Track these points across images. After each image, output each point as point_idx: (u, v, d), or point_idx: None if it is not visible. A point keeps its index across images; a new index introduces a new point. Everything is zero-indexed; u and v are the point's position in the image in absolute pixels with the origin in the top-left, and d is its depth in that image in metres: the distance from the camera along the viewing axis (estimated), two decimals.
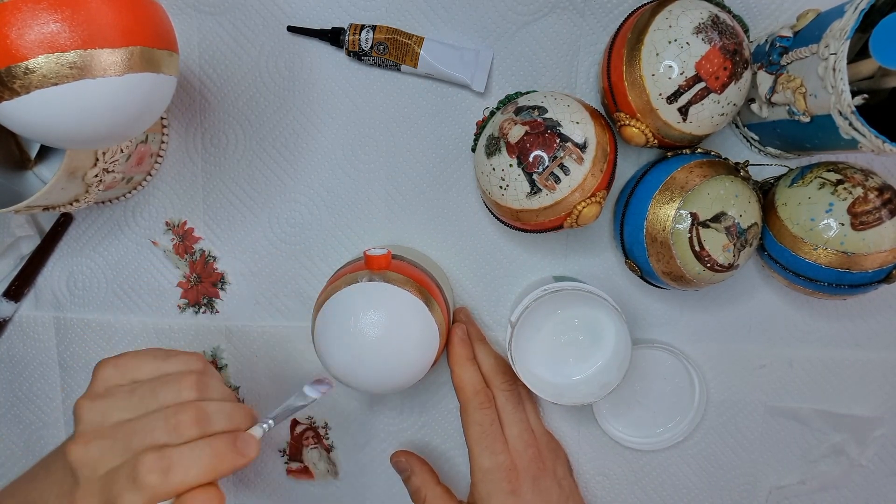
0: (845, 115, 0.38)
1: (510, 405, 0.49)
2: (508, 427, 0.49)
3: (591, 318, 0.51)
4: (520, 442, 0.49)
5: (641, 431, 0.55)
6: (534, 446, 0.49)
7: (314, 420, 0.53)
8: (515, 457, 0.48)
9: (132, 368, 0.39)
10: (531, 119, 0.43)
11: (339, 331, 0.42)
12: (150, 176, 0.53)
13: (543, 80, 0.51)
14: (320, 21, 0.51)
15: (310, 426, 0.53)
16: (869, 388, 0.55)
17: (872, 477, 0.56)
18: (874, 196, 0.42)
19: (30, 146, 0.51)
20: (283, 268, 0.55)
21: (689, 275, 0.45)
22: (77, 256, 0.56)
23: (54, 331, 0.57)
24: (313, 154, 0.53)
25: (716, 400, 0.55)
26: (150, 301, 0.56)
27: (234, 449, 0.36)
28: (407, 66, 0.50)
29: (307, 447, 0.54)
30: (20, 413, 0.58)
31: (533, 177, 0.43)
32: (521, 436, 0.49)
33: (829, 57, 0.38)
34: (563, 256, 0.54)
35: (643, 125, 0.44)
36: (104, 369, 0.39)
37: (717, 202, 0.44)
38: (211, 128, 0.53)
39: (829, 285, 0.45)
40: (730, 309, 0.54)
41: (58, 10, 0.32)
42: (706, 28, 0.41)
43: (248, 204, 0.54)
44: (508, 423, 0.49)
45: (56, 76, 0.32)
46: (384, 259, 0.44)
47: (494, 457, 0.47)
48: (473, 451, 0.48)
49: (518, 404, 0.50)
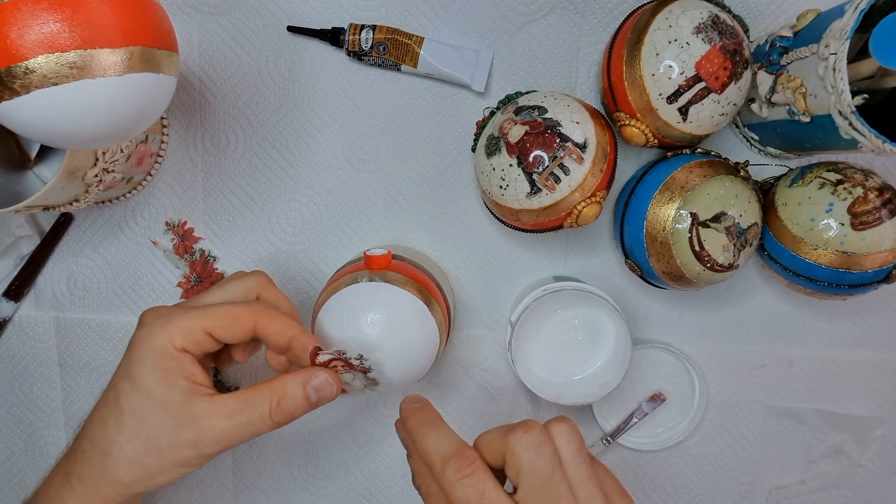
0: (845, 115, 0.38)
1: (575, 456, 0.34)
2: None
3: (591, 318, 0.51)
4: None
5: (641, 431, 0.55)
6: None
7: (344, 352, 0.40)
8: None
9: None
10: (531, 119, 0.43)
11: (340, 331, 0.42)
12: (150, 176, 0.53)
13: (543, 80, 0.51)
14: (320, 21, 0.51)
15: (338, 356, 0.40)
16: (869, 388, 0.55)
17: (872, 477, 0.56)
18: (874, 196, 0.42)
19: (30, 146, 0.51)
20: (283, 268, 0.55)
21: (689, 275, 0.45)
22: (77, 256, 0.56)
23: (54, 331, 0.57)
24: (313, 154, 0.53)
25: (716, 400, 0.55)
26: (150, 301, 0.56)
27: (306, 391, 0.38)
28: (407, 66, 0.50)
29: (337, 372, 0.42)
30: (20, 413, 0.58)
31: (533, 177, 0.43)
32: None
33: (829, 57, 0.38)
34: (563, 256, 0.54)
35: (643, 125, 0.44)
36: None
37: (717, 202, 0.44)
38: (211, 128, 0.53)
39: (829, 285, 0.45)
40: (730, 309, 0.54)
41: (58, 10, 0.32)
42: (706, 28, 0.41)
43: (248, 204, 0.54)
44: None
45: (56, 76, 0.32)
46: (384, 259, 0.44)
47: None
48: None
49: (583, 453, 0.34)
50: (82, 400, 0.57)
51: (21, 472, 0.59)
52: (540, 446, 0.33)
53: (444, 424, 0.36)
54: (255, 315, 0.38)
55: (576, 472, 0.33)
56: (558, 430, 0.34)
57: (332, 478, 0.58)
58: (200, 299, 0.41)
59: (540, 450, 0.33)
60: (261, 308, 0.39)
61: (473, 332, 0.55)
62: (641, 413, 0.54)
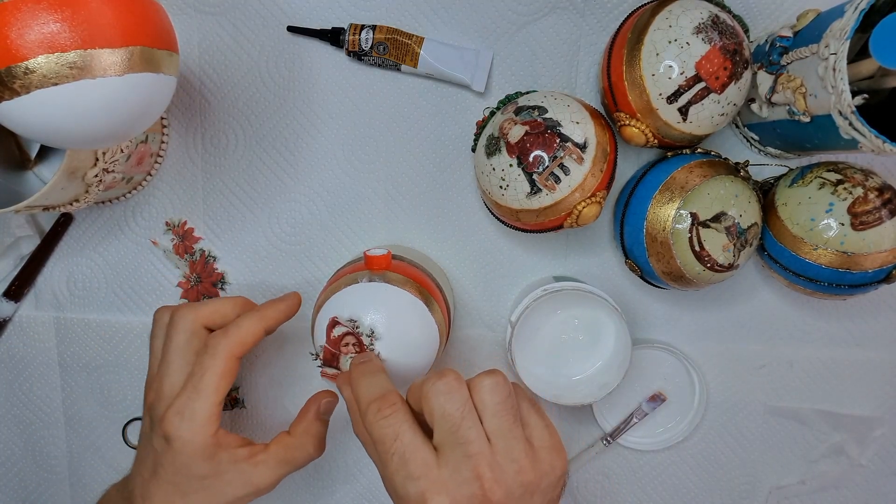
0: (845, 115, 0.38)
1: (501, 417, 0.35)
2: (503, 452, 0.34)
3: (591, 318, 0.51)
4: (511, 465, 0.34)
5: (641, 431, 0.55)
6: (528, 471, 0.35)
7: (358, 325, 0.41)
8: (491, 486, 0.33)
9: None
10: (531, 119, 0.43)
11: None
12: (150, 176, 0.53)
13: (543, 80, 0.51)
14: (320, 21, 0.51)
15: (351, 331, 0.42)
16: (869, 388, 0.55)
17: (872, 477, 0.56)
18: (874, 196, 0.42)
19: (30, 146, 0.51)
20: (283, 268, 0.55)
21: (689, 275, 0.45)
22: (77, 256, 0.56)
23: (54, 331, 0.57)
24: (313, 154, 0.53)
25: (716, 400, 0.55)
26: (150, 301, 0.56)
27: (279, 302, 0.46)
28: (407, 66, 0.50)
29: (346, 355, 0.44)
30: (20, 413, 0.58)
31: (533, 177, 0.43)
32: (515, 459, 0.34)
33: (829, 57, 0.38)
34: (563, 256, 0.54)
35: (643, 125, 0.44)
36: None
37: (717, 202, 0.44)
38: (211, 128, 0.53)
39: (829, 285, 0.45)
40: (730, 309, 0.54)
41: (58, 10, 0.32)
42: (706, 28, 0.41)
43: (248, 204, 0.54)
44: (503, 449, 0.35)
45: (56, 76, 0.32)
46: (384, 259, 0.44)
47: (410, 483, 0.33)
48: (384, 476, 0.35)
49: (511, 411, 0.36)
50: (82, 400, 0.57)
51: (21, 473, 0.59)
52: (450, 392, 0.35)
53: (382, 374, 0.38)
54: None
55: (496, 424, 0.35)
56: (482, 383, 0.36)
57: (332, 478, 0.58)
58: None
59: (450, 395, 0.35)
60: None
61: (473, 332, 0.55)
62: (641, 413, 0.54)
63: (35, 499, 0.59)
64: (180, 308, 0.45)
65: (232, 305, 0.46)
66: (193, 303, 0.47)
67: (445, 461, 0.33)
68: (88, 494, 0.59)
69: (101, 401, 0.57)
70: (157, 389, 0.43)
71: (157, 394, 0.43)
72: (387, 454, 0.34)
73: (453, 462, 0.33)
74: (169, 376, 0.43)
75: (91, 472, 0.58)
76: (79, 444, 0.58)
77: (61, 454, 0.58)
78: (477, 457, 0.33)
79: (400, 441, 0.34)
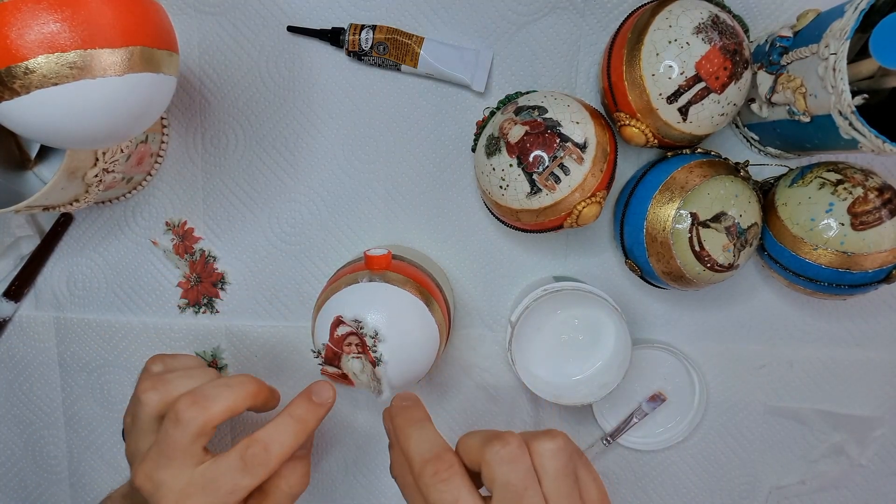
0: (845, 115, 0.38)
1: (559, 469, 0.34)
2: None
3: (591, 318, 0.51)
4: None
5: (641, 431, 0.55)
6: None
7: (362, 325, 0.42)
8: None
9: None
10: (531, 119, 0.43)
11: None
12: (150, 176, 0.53)
13: (543, 80, 0.51)
14: (320, 21, 0.51)
15: (355, 331, 0.42)
16: (869, 388, 0.55)
17: (872, 477, 0.56)
18: (874, 196, 0.42)
19: (30, 146, 0.51)
20: (283, 268, 0.55)
21: (689, 275, 0.45)
22: (77, 256, 0.56)
23: (54, 331, 0.57)
24: (313, 154, 0.53)
25: (716, 400, 0.55)
26: (150, 301, 0.56)
27: (311, 403, 0.40)
28: (407, 66, 0.50)
29: (348, 355, 0.44)
30: (20, 413, 0.58)
31: (533, 177, 0.42)
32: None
33: (829, 57, 0.38)
34: (563, 256, 0.54)
35: (643, 125, 0.44)
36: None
37: (717, 202, 0.44)
38: (211, 128, 0.53)
39: (829, 285, 0.45)
40: (730, 309, 0.54)
41: (58, 10, 0.32)
42: (706, 28, 0.41)
43: (248, 204, 0.54)
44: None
45: (56, 76, 0.32)
46: (384, 259, 0.44)
47: None
48: None
49: (570, 470, 0.34)
50: (82, 400, 0.57)
51: (21, 473, 0.59)
52: (514, 461, 0.33)
53: (430, 425, 0.37)
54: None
55: (556, 488, 0.33)
56: (544, 447, 0.34)
57: (332, 478, 0.58)
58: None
59: (514, 465, 0.33)
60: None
61: (473, 332, 0.55)
62: (641, 413, 0.54)
63: (35, 499, 0.59)
64: (186, 403, 0.38)
65: (244, 398, 0.40)
66: (200, 394, 0.38)
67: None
68: (88, 494, 0.59)
69: (101, 401, 0.57)
70: (154, 484, 0.38)
71: (155, 486, 0.38)
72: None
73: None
74: (172, 477, 0.38)
75: (91, 472, 0.58)
76: (79, 444, 0.58)
77: (61, 454, 0.58)
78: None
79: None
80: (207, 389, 0.39)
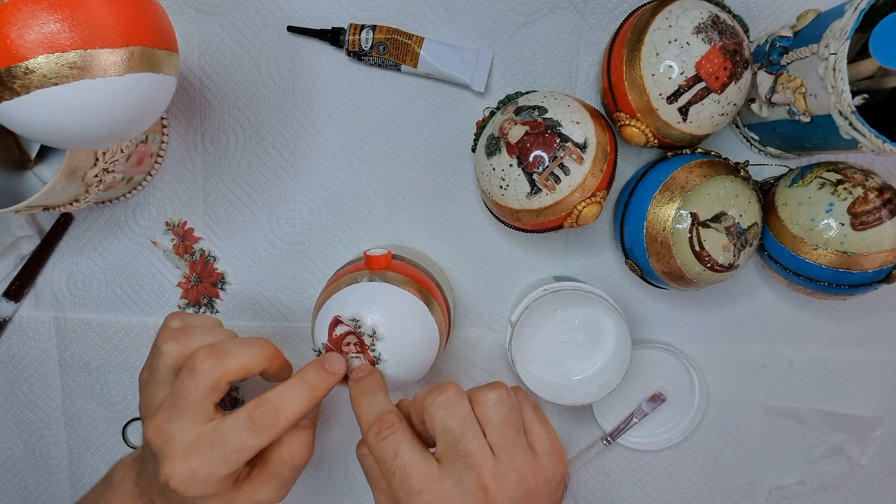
0: (845, 115, 0.38)
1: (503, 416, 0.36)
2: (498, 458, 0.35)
3: (591, 318, 0.51)
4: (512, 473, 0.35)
5: (641, 431, 0.55)
6: (530, 479, 0.35)
7: (360, 325, 0.42)
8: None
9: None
10: (531, 119, 0.43)
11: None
12: (150, 176, 0.53)
13: (543, 80, 0.51)
14: (320, 21, 0.51)
15: (353, 330, 0.42)
16: (869, 388, 0.55)
17: (872, 477, 0.56)
18: (874, 196, 0.42)
19: (30, 146, 0.51)
20: (283, 268, 0.55)
21: (689, 275, 0.45)
22: (77, 256, 0.56)
23: (54, 331, 0.57)
24: (313, 154, 0.53)
25: (716, 400, 0.55)
26: (150, 301, 0.56)
27: (324, 371, 0.40)
28: (407, 66, 0.50)
29: (347, 355, 0.43)
30: (20, 413, 0.58)
31: (533, 177, 0.42)
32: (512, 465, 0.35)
33: (829, 57, 0.38)
34: (563, 256, 0.54)
35: (643, 125, 0.44)
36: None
37: (717, 202, 0.44)
38: (211, 128, 0.53)
39: (829, 285, 0.45)
40: (730, 309, 0.54)
41: (58, 10, 0.32)
42: (706, 28, 0.41)
43: (248, 204, 0.54)
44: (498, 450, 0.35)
45: (56, 76, 0.32)
46: (384, 259, 0.44)
47: (412, 497, 0.34)
48: (392, 492, 0.35)
49: (514, 414, 0.36)
50: (82, 400, 0.57)
51: (21, 473, 0.59)
52: (450, 407, 0.35)
53: (381, 393, 0.39)
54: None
55: (500, 437, 0.35)
56: (486, 397, 0.36)
57: (332, 478, 0.58)
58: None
59: (451, 410, 0.35)
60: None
61: (473, 332, 0.55)
62: (641, 413, 0.54)
63: (35, 499, 0.59)
64: (203, 354, 0.38)
65: (261, 359, 0.40)
66: (218, 348, 0.39)
67: (448, 473, 0.34)
68: None
69: (101, 401, 0.57)
70: (163, 437, 0.38)
71: (164, 440, 0.38)
72: (389, 473, 0.35)
73: (456, 474, 0.34)
74: (181, 430, 0.38)
75: (91, 472, 0.58)
76: (79, 444, 0.58)
77: (61, 454, 0.58)
78: (479, 468, 0.34)
79: (400, 458, 0.34)
80: (226, 345, 0.39)
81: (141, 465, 0.42)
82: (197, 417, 0.38)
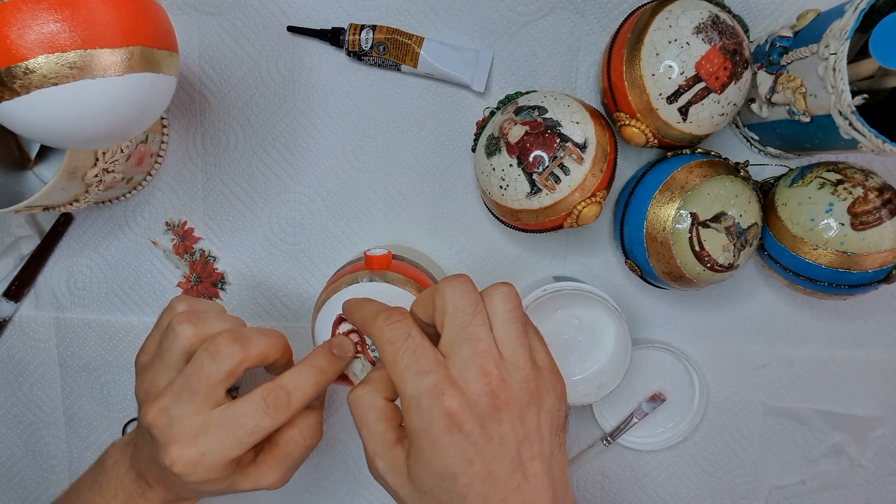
0: (845, 115, 0.38)
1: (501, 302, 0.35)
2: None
3: (591, 318, 0.51)
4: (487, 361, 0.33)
5: (641, 431, 0.55)
6: (532, 380, 0.34)
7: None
8: (468, 383, 0.32)
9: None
10: (531, 119, 0.43)
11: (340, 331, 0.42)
12: (150, 176, 0.53)
13: (543, 80, 0.51)
14: (320, 21, 0.51)
15: (355, 329, 0.42)
16: (869, 388, 0.55)
17: (872, 477, 0.56)
18: (874, 196, 0.42)
19: (30, 146, 0.51)
20: (282, 268, 0.55)
21: (689, 275, 0.45)
22: (77, 256, 0.56)
23: (54, 331, 0.57)
24: (313, 154, 0.53)
25: (716, 400, 0.55)
26: (150, 301, 0.56)
27: (332, 355, 0.41)
28: (407, 66, 0.50)
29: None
30: (20, 413, 0.58)
31: (533, 177, 0.43)
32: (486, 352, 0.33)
33: (829, 57, 0.38)
34: (563, 256, 0.54)
35: (643, 125, 0.44)
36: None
37: (717, 202, 0.44)
38: (211, 128, 0.53)
39: (829, 285, 0.45)
40: (730, 309, 0.54)
41: (58, 10, 0.32)
42: (706, 28, 0.41)
43: (248, 204, 0.54)
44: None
45: (56, 76, 0.32)
46: (384, 259, 0.44)
47: (420, 378, 0.32)
48: (394, 379, 0.34)
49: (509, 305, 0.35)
50: (82, 400, 0.57)
51: (21, 473, 0.59)
52: (465, 291, 0.34)
53: (379, 303, 0.38)
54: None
55: (505, 330, 0.34)
56: (495, 290, 0.35)
57: (332, 477, 0.58)
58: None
59: (465, 293, 0.34)
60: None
61: None
62: (641, 413, 0.54)
63: (35, 499, 0.59)
64: (227, 338, 0.39)
65: (276, 349, 0.41)
66: (241, 334, 0.39)
67: (454, 359, 0.33)
68: None
69: (101, 401, 0.57)
70: (167, 420, 0.38)
71: (168, 423, 0.38)
72: (398, 352, 0.33)
73: (462, 359, 0.33)
74: (189, 414, 0.38)
75: None
76: (79, 444, 0.58)
77: (61, 454, 0.58)
78: (484, 354, 0.33)
79: (411, 339, 0.33)
80: (246, 332, 0.40)
81: (135, 449, 0.42)
82: (207, 402, 0.38)
